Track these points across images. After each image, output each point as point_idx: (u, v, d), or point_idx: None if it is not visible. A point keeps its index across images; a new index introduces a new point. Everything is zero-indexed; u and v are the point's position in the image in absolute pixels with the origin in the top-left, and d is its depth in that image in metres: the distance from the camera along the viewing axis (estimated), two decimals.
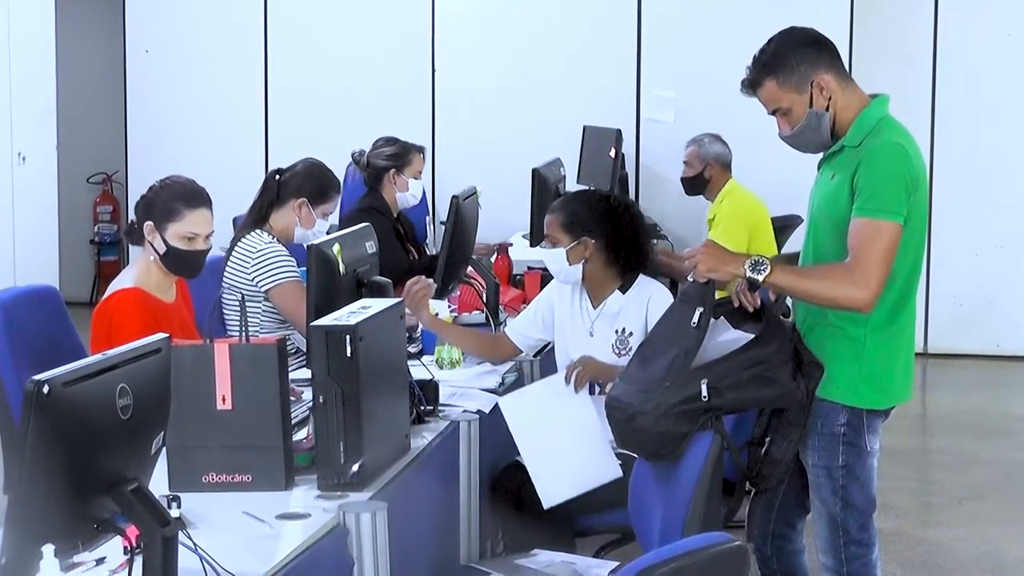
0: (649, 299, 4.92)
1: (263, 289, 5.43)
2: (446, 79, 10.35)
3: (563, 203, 5.12)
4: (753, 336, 4.13)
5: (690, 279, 4.21)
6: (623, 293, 4.96)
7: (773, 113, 4.22)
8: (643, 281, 4.98)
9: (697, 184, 8.11)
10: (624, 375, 4.29)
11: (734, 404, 4.04)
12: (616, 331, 4.94)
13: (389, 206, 6.89)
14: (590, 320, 5.02)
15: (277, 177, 5.72)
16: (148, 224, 4.74)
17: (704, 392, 3.96)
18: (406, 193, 6.91)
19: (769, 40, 4.22)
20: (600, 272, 4.98)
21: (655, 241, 7.61)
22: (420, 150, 7.08)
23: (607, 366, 4.85)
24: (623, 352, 4.90)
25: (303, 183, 5.69)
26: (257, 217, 5.66)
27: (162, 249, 4.74)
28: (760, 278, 4.02)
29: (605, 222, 4.96)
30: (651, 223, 8.34)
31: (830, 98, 4.14)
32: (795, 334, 4.17)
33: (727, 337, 4.15)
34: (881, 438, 4.24)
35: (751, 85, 4.21)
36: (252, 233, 5.57)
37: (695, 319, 4.07)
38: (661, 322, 4.32)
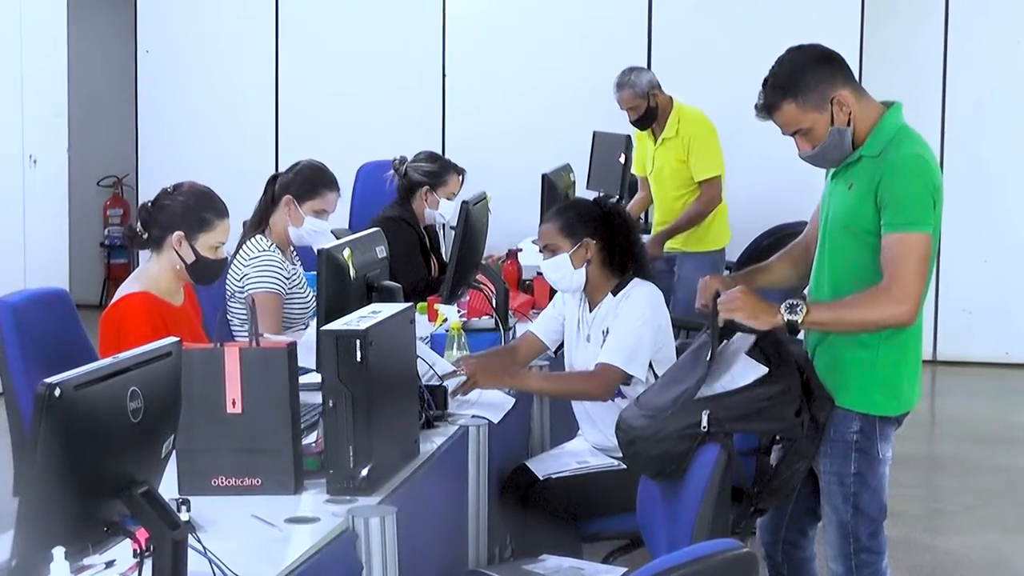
0: (629, 297, 4.94)
1: (247, 293, 5.44)
2: (457, 85, 10.36)
3: (557, 211, 5.16)
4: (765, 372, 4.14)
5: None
6: (614, 296, 4.97)
7: (792, 134, 4.20)
8: (635, 283, 4.99)
9: (649, 118, 8.13)
10: (640, 398, 4.32)
11: (733, 431, 4.04)
12: (602, 332, 4.95)
13: (417, 218, 6.87)
14: (588, 326, 5.03)
15: (276, 181, 5.74)
16: (178, 234, 4.73)
17: (704, 422, 3.96)
18: (435, 211, 6.87)
19: (779, 62, 4.19)
20: (597, 275, 4.99)
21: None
22: (459, 172, 6.97)
23: (493, 376, 4.86)
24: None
25: (292, 181, 5.70)
26: (257, 221, 5.69)
27: (191, 259, 4.74)
28: (798, 319, 4.04)
29: (599, 223, 4.99)
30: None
31: (850, 113, 4.13)
32: (808, 365, 4.18)
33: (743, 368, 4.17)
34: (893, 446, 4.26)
35: (768, 109, 4.17)
36: (253, 239, 5.58)
37: (708, 355, 4.10)
38: (686, 356, 4.35)
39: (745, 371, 4.11)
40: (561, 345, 5.37)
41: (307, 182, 5.72)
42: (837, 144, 4.14)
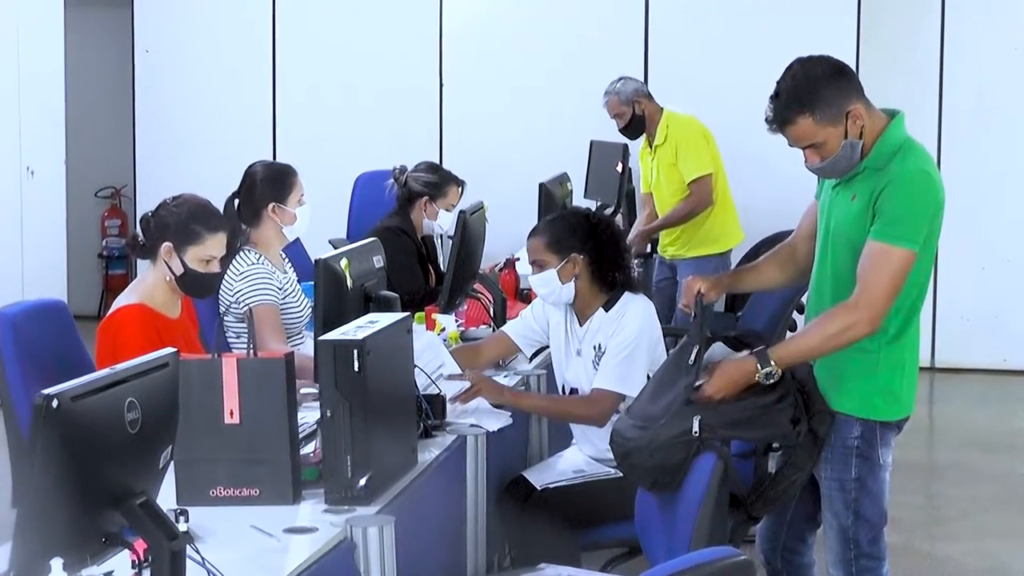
0: (624, 315, 4.93)
1: (243, 307, 5.41)
2: (453, 94, 10.36)
3: (544, 225, 5.13)
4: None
5: (692, 318, 4.28)
6: (606, 311, 4.97)
7: (803, 147, 4.15)
8: (626, 298, 4.98)
9: (637, 126, 8.17)
10: (630, 409, 4.33)
11: (724, 438, 4.04)
12: (594, 347, 4.95)
13: (415, 228, 6.87)
14: (578, 340, 5.03)
15: (236, 201, 5.64)
16: (166, 245, 4.72)
17: (696, 427, 3.96)
18: (434, 222, 6.86)
19: (792, 75, 4.12)
20: (587, 290, 4.98)
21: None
22: (459, 184, 6.94)
23: (496, 390, 4.86)
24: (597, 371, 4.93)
25: (263, 190, 5.63)
26: (239, 243, 5.63)
27: (179, 271, 4.73)
28: (773, 369, 4.08)
29: (588, 238, 4.98)
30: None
31: (862, 126, 4.11)
32: (810, 379, 4.18)
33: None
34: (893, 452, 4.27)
35: (783, 123, 4.11)
36: (240, 254, 5.51)
37: (692, 357, 4.10)
38: (669, 359, 4.37)
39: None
40: (537, 353, 5.37)
41: (276, 183, 5.64)
42: (848, 156, 4.11)
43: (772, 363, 4.08)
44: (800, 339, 4.19)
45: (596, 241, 4.98)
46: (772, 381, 4.08)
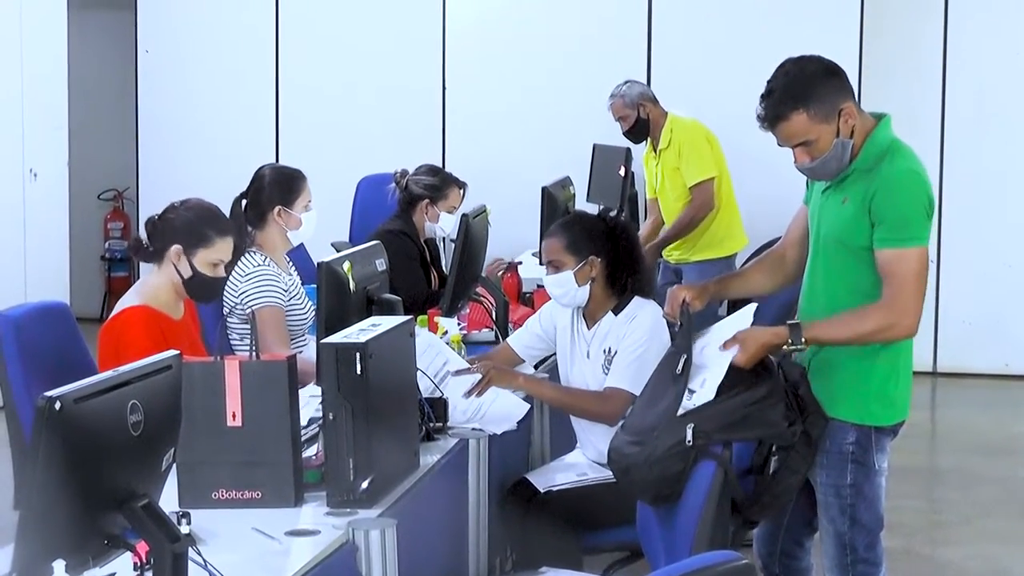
0: (634, 319, 4.93)
1: (248, 309, 5.41)
2: (457, 97, 10.37)
3: (562, 226, 5.11)
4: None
5: (676, 328, 4.29)
6: (615, 315, 4.97)
7: (794, 146, 4.16)
8: (636, 302, 4.98)
9: (641, 129, 8.18)
10: (624, 424, 4.33)
11: (720, 441, 4.04)
12: (604, 351, 4.95)
13: (418, 231, 6.87)
14: (586, 343, 5.02)
15: (243, 202, 5.66)
16: (176, 248, 4.73)
17: (689, 436, 3.96)
18: (435, 225, 6.85)
19: (785, 72, 4.13)
20: (600, 293, 4.98)
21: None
22: (461, 186, 6.92)
23: (508, 376, 4.88)
24: (609, 372, 4.93)
25: (270, 193, 5.64)
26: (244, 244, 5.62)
27: (188, 274, 4.74)
28: (802, 345, 4.08)
29: (605, 240, 4.98)
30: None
31: (853, 125, 4.12)
32: (804, 381, 4.18)
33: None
34: (889, 457, 4.27)
35: (775, 119, 4.12)
36: (245, 256, 5.51)
37: (679, 367, 4.11)
38: (657, 370, 4.36)
39: (715, 363, 4.13)
40: (542, 361, 5.37)
41: (283, 186, 5.64)
42: (838, 156, 4.13)
43: (803, 340, 4.08)
44: (833, 327, 4.15)
45: (613, 244, 4.98)
46: (800, 343, 4.08)
